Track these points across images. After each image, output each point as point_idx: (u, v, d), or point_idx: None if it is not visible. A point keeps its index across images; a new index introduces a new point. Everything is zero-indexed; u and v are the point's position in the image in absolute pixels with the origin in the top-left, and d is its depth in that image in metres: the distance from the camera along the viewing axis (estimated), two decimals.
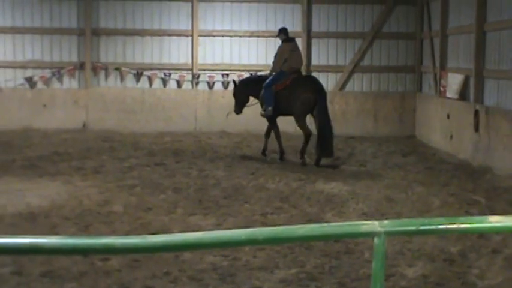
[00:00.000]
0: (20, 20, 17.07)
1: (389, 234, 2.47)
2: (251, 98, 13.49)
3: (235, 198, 9.32)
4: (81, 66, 17.20)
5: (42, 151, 13.29)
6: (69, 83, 17.24)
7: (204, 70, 17.41)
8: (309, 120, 12.94)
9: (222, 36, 17.44)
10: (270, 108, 12.58)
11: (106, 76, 17.30)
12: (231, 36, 17.47)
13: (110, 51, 17.39)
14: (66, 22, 17.23)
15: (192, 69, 17.35)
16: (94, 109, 17.04)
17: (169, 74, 17.29)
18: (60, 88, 17.19)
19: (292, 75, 12.62)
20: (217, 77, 17.38)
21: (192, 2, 17.29)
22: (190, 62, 17.38)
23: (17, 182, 10.27)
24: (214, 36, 17.43)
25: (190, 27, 17.34)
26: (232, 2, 17.42)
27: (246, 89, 13.47)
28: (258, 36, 17.47)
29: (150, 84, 17.30)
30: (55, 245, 2.32)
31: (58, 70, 17.06)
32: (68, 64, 17.15)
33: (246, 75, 17.38)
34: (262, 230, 2.14)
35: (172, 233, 7.34)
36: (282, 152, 12.80)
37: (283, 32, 13.11)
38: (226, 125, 16.78)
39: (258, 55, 17.56)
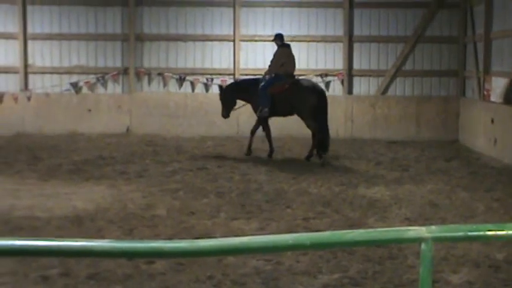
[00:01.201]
0: (66, 27, 17.42)
1: (436, 240, 2.46)
2: (239, 102, 14.04)
3: (278, 202, 9.34)
4: (125, 71, 17.46)
5: (87, 155, 13.52)
6: (114, 88, 17.51)
7: (246, 75, 17.48)
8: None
9: (264, 41, 17.48)
10: (266, 109, 13.18)
11: (149, 81, 17.52)
12: (272, 41, 17.49)
13: (153, 57, 17.61)
14: (110, 28, 17.51)
15: (234, 74, 17.45)
16: (137, 114, 17.26)
17: (212, 79, 17.42)
18: (104, 93, 17.48)
19: (289, 79, 13.28)
20: None
21: (234, 7, 17.40)
22: (232, 67, 17.49)
23: (64, 185, 10.46)
24: (256, 41, 17.50)
25: (232, 32, 17.45)
26: (274, 6, 17.48)
27: (233, 93, 13.97)
28: (300, 41, 17.47)
29: (193, 89, 17.46)
30: (105, 248, 2.37)
31: (103, 75, 17.35)
32: (112, 69, 17.43)
33: None
34: (310, 235, 2.16)
35: (216, 237, 7.41)
36: (271, 151, 13.47)
37: (279, 38, 13.70)
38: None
39: (299, 60, 17.46)
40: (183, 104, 17.32)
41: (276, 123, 16.62)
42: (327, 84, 17.47)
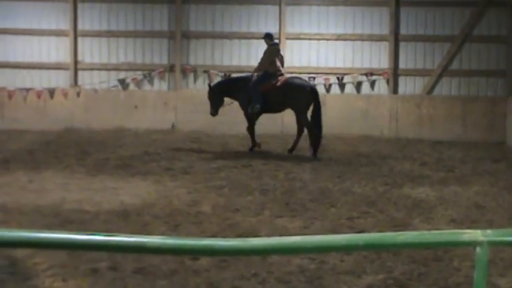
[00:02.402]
0: (115, 24, 17.69)
1: (492, 244, 2.44)
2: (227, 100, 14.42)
3: (322, 201, 9.35)
4: (171, 68, 17.65)
5: (133, 151, 13.72)
6: (160, 85, 17.72)
7: (291, 73, 17.48)
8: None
9: (309, 39, 17.50)
10: (257, 106, 13.57)
11: (195, 78, 17.68)
12: (318, 39, 17.52)
13: (199, 54, 17.75)
14: (157, 26, 17.71)
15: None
16: (183, 110, 17.43)
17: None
18: (150, 90, 17.70)
19: (280, 77, 13.72)
20: None
21: (280, 6, 17.43)
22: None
23: (111, 180, 10.65)
24: (301, 39, 17.51)
25: (277, 31, 17.47)
26: (319, 5, 17.46)
27: (221, 91, 14.31)
28: (345, 40, 17.44)
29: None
30: (157, 244, 2.42)
31: (149, 72, 17.57)
32: (159, 66, 17.63)
33: (332, 78, 17.40)
34: (363, 236, 2.17)
35: (260, 234, 7.47)
36: (253, 145, 13.94)
37: (268, 37, 14.01)
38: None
39: (344, 58, 17.53)
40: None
41: (323, 121, 16.60)
42: (372, 83, 17.39)
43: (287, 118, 17.10)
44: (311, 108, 13.56)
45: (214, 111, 14.42)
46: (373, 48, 17.46)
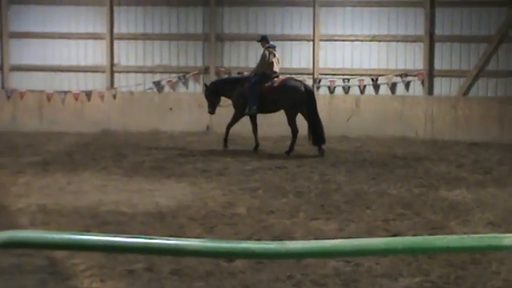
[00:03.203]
0: (150, 27, 17.87)
1: None
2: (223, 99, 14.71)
3: (357, 203, 9.32)
4: (205, 70, 17.76)
5: (169, 153, 13.84)
6: (194, 87, 17.84)
7: (325, 75, 17.49)
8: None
9: (343, 40, 17.46)
10: (254, 107, 13.89)
11: None
12: (352, 41, 17.47)
13: (233, 56, 17.83)
14: (192, 28, 17.85)
15: (313, 74, 17.48)
16: (217, 112, 17.42)
17: None
18: (185, 92, 17.84)
19: (277, 78, 14.07)
20: (338, 81, 17.42)
21: (314, 7, 17.43)
22: (311, 66, 17.52)
23: (147, 182, 10.75)
24: (335, 40, 17.48)
25: (311, 32, 17.48)
26: (353, 6, 17.41)
27: (218, 90, 14.61)
28: (380, 41, 17.37)
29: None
30: (196, 247, 2.46)
31: (184, 75, 17.71)
32: (193, 69, 17.76)
33: (367, 80, 17.33)
34: (402, 239, 2.18)
35: (295, 237, 7.49)
36: (257, 145, 14.27)
37: (265, 40, 14.36)
38: (346, 130, 16.80)
39: (379, 59, 17.45)
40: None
41: (356, 123, 16.70)
42: (407, 84, 17.28)
43: (321, 118, 17.08)
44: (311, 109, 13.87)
45: (211, 110, 14.75)
46: (408, 49, 17.35)
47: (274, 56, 14.18)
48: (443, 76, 17.22)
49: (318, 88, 17.46)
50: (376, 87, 17.40)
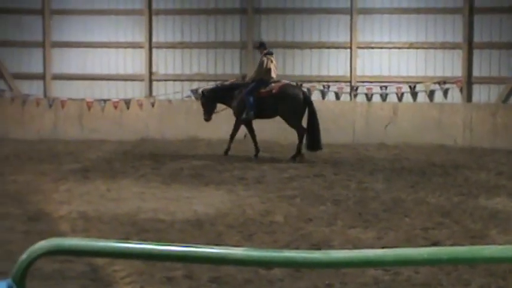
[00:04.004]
0: (188, 36, 18.04)
1: None
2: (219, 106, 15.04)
3: (395, 211, 9.27)
4: (243, 78, 17.82)
5: (206, 160, 13.94)
6: None
7: (363, 82, 17.45)
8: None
9: (381, 48, 17.40)
10: (251, 112, 14.14)
11: None
12: (389, 48, 17.40)
13: None
14: (229, 36, 17.97)
15: (350, 81, 17.45)
16: (255, 120, 17.53)
17: (328, 86, 17.49)
18: None
19: (275, 84, 14.36)
20: (376, 89, 17.35)
21: (351, 14, 17.41)
22: (348, 74, 17.50)
23: (185, 189, 10.85)
24: (372, 48, 17.43)
25: (349, 39, 17.46)
26: (391, 13, 17.35)
27: (214, 97, 14.86)
28: (417, 48, 17.27)
29: (309, 95, 17.55)
30: (240, 256, 2.47)
31: (222, 83, 17.76)
32: (231, 77, 17.83)
33: (404, 87, 17.22)
34: (446, 249, 2.16)
35: (333, 245, 7.48)
36: (257, 151, 14.44)
37: (263, 46, 14.64)
38: (384, 137, 16.72)
39: (417, 67, 17.35)
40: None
41: (394, 131, 16.61)
42: (445, 91, 17.13)
43: (358, 126, 17.06)
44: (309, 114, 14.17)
45: (207, 117, 14.93)
46: (446, 56, 17.21)
47: (272, 62, 14.38)
48: (482, 83, 17.03)
49: (355, 96, 17.42)
50: (414, 94, 17.29)
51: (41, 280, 5.79)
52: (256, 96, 14.16)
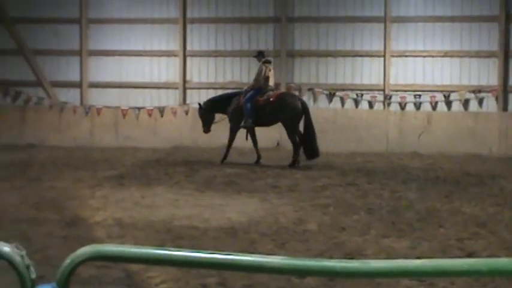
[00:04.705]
0: (222, 44, 18.17)
1: None
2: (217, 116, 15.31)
3: (429, 221, 9.20)
4: (276, 87, 17.85)
5: (239, 168, 14.00)
6: None
7: (396, 91, 17.38)
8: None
9: (415, 56, 17.32)
10: (250, 120, 14.41)
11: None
12: (423, 57, 17.31)
13: (304, 72, 17.93)
14: (263, 45, 18.04)
15: (384, 90, 17.40)
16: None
17: (361, 95, 17.45)
18: None
19: (273, 92, 14.65)
20: (409, 97, 17.27)
21: (385, 23, 17.37)
22: (382, 82, 17.45)
23: (219, 197, 10.91)
24: (406, 56, 17.36)
25: (382, 48, 17.42)
26: (425, 21, 17.27)
27: (213, 108, 15.10)
28: (452, 56, 17.15)
29: (342, 104, 17.57)
30: (277, 264, 2.50)
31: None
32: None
33: (439, 96, 17.11)
34: (486, 261, 2.16)
35: (367, 254, 7.46)
36: (258, 157, 14.71)
37: (261, 55, 14.87)
38: (418, 146, 16.63)
39: (451, 75, 17.23)
40: (332, 119, 17.47)
41: (428, 140, 16.50)
42: (480, 100, 16.97)
43: (391, 135, 16.99)
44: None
45: (206, 129, 15.14)
46: (482, 64, 17.07)
47: (270, 70, 14.62)
48: None
49: (389, 104, 17.35)
50: (449, 103, 17.17)
51: (80, 285, 5.88)
52: (254, 104, 14.38)
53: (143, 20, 18.50)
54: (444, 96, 17.10)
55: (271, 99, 14.40)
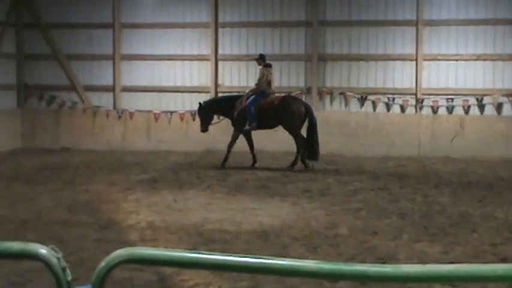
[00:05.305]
0: (253, 48, 18.15)
1: None
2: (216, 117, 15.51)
3: (462, 226, 9.15)
4: (308, 90, 17.91)
5: (271, 172, 14.04)
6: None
7: (428, 95, 17.27)
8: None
9: (447, 60, 17.19)
10: (254, 124, 14.53)
11: (331, 100, 17.83)
12: (456, 60, 17.17)
13: (335, 76, 17.90)
14: (294, 49, 18.06)
15: (415, 94, 17.29)
16: (319, 132, 17.51)
17: (393, 99, 17.37)
18: None
19: (275, 96, 14.80)
20: (442, 101, 17.15)
21: (417, 26, 17.27)
22: (414, 86, 17.34)
23: (250, 200, 10.96)
24: (439, 60, 17.23)
25: (414, 52, 17.32)
26: (458, 25, 17.12)
27: (213, 109, 15.19)
28: (485, 60, 16.98)
29: (374, 108, 17.51)
30: (312, 269, 2.52)
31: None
32: (296, 89, 17.94)
33: (471, 99, 16.96)
34: None
35: (399, 259, 7.44)
36: (254, 160, 14.86)
37: (262, 59, 14.95)
38: (450, 150, 16.51)
39: (484, 79, 17.06)
40: (363, 123, 17.43)
41: (460, 144, 16.33)
42: None
43: (423, 139, 16.88)
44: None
45: (205, 128, 15.21)
46: None
47: (271, 74, 14.78)
48: None
49: (421, 108, 17.24)
50: (481, 107, 17.00)
51: None
52: (258, 108, 14.49)
53: (175, 24, 18.64)
54: (477, 99, 16.94)
55: (275, 102, 14.58)
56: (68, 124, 18.99)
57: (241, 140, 16.50)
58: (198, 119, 15.76)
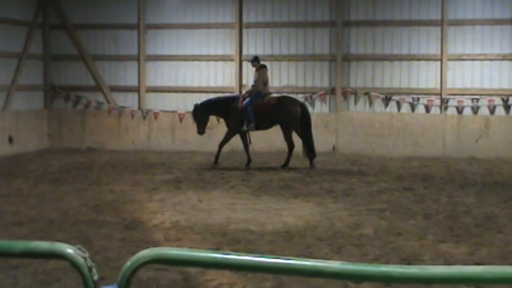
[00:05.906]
0: (277, 48, 18.24)
1: None
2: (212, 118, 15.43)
3: (488, 227, 9.09)
4: (332, 91, 17.89)
5: (295, 172, 14.05)
6: (321, 107, 17.99)
7: (454, 95, 17.16)
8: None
9: (473, 59, 17.06)
10: (252, 125, 14.64)
11: (355, 101, 17.79)
12: (481, 60, 17.04)
13: (360, 77, 17.85)
14: (319, 49, 18.04)
15: (440, 94, 17.20)
16: (343, 133, 17.57)
17: (418, 99, 17.29)
18: (312, 112, 17.94)
19: (272, 96, 15.06)
20: (467, 101, 17.03)
21: (442, 26, 17.17)
22: (438, 86, 17.25)
23: (274, 201, 10.98)
24: (464, 60, 17.11)
25: (439, 52, 17.22)
26: (483, 24, 16.99)
27: (208, 110, 15.15)
28: (511, 60, 16.83)
29: (398, 108, 17.44)
30: (337, 269, 2.53)
31: (310, 95, 17.90)
32: (320, 89, 17.93)
33: (497, 100, 16.82)
34: None
35: (423, 260, 7.42)
36: (249, 160, 14.91)
37: (257, 60, 15.09)
38: (475, 151, 16.39)
39: (510, 79, 16.92)
40: (388, 123, 17.37)
41: (485, 144, 16.21)
42: None
43: (448, 140, 16.78)
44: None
45: (201, 130, 15.17)
46: None
47: (266, 75, 15.00)
48: None
49: (445, 108, 17.14)
50: (507, 107, 16.85)
51: (138, 287, 6.03)
52: (255, 108, 14.61)
53: (200, 25, 18.72)
54: (502, 100, 16.80)
55: (271, 102, 14.75)
56: (93, 124, 19.16)
57: (262, 139, 16.56)
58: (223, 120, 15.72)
